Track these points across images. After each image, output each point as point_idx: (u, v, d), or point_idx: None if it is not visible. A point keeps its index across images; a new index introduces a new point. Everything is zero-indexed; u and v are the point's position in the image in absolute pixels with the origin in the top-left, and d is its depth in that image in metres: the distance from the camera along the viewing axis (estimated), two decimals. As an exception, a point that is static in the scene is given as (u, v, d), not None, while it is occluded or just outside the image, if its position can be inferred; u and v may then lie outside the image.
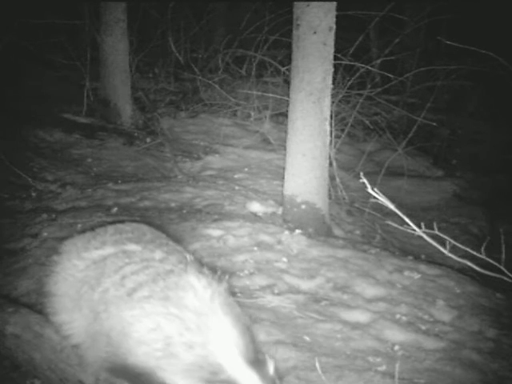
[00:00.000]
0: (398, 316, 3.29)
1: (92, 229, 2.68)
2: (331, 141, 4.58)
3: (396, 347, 3.00)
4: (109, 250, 2.41)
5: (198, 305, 2.09)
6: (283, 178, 4.40)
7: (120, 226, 2.64)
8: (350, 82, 5.71)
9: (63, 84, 7.68)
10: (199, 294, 2.13)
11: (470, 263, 2.21)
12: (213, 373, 1.99)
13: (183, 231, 3.93)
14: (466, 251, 2.23)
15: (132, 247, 2.40)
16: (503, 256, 2.26)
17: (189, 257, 2.39)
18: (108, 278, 2.27)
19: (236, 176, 5.63)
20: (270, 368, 2.07)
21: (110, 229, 2.60)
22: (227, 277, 2.29)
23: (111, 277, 2.27)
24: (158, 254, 2.35)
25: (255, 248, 3.87)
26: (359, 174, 2.39)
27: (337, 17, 4.08)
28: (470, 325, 3.28)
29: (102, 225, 2.75)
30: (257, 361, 2.05)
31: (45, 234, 3.93)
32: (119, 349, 2.14)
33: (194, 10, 8.82)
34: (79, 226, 3.94)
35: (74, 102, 6.90)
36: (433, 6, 7.57)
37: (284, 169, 4.38)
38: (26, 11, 6.68)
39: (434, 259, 4.32)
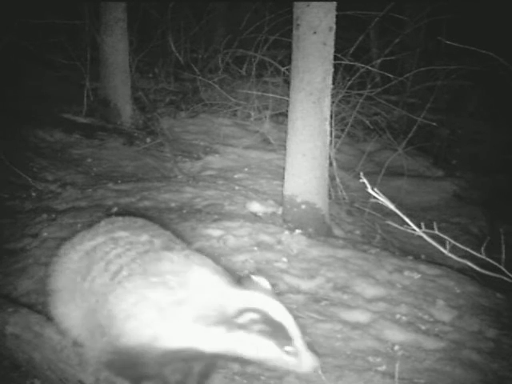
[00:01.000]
0: (398, 316, 3.29)
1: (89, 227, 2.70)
2: (331, 141, 4.58)
3: (396, 347, 3.01)
4: (99, 239, 2.43)
5: (174, 267, 2.13)
6: (283, 178, 4.40)
7: (113, 218, 2.66)
8: (350, 82, 5.71)
9: (63, 84, 7.68)
10: (173, 258, 2.17)
11: (470, 263, 2.21)
12: (222, 313, 2.00)
13: (183, 231, 3.92)
14: (466, 251, 2.23)
15: (120, 234, 2.42)
16: (503, 256, 2.26)
17: (174, 237, 2.44)
18: (95, 265, 2.29)
19: (236, 176, 5.63)
20: (263, 282, 2.12)
21: (103, 221, 2.62)
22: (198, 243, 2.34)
23: (98, 264, 2.29)
24: (144, 237, 2.37)
25: (255, 248, 3.87)
26: (359, 174, 2.38)
27: (337, 17, 4.08)
28: (470, 325, 3.28)
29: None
30: (247, 282, 2.11)
31: (45, 233, 3.93)
32: (111, 336, 2.13)
33: (193, 10, 8.83)
34: (79, 225, 3.94)
35: (74, 102, 6.90)
36: (433, 6, 7.57)
37: (284, 169, 4.38)
38: (26, 11, 6.68)
39: (434, 259, 4.33)
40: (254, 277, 2.15)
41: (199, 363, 2.26)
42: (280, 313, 2.01)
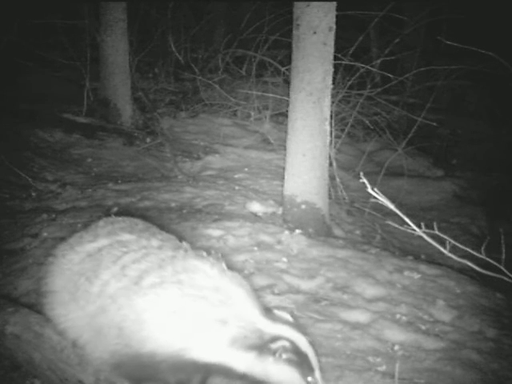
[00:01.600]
0: (398, 316, 3.29)
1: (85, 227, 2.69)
2: (331, 141, 4.58)
3: (396, 347, 3.00)
4: (102, 241, 2.41)
5: (212, 282, 2.16)
6: (283, 178, 4.40)
7: (110, 218, 2.65)
8: (349, 82, 5.71)
9: (63, 84, 7.68)
10: (208, 272, 2.19)
11: (470, 263, 2.21)
12: (259, 337, 2.07)
13: (183, 231, 3.92)
14: (466, 251, 2.23)
15: (126, 237, 2.41)
16: (503, 256, 2.26)
17: (184, 243, 2.43)
18: (107, 269, 2.27)
19: (236, 176, 5.63)
20: (287, 316, 2.22)
21: (101, 222, 2.61)
22: (220, 255, 2.38)
23: (110, 268, 2.27)
24: (155, 242, 2.37)
25: (255, 248, 3.87)
26: (359, 174, 2.39)
27: (337, 17, 4.08)
28: (469, 325, 3.28)
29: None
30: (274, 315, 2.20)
31: (45, 234, 3.93)
32: (132, 339, 2.14)
33: (193, 10, 8.83)
34: (79, 225, 3.93)
35: (74, 102, 6.90)
36: (433, 6, 7.57)
37: (284, 169, 4.38)
38: (26, 11, 6.68)
39: (434, 259, 4.32)
40: (276, 311, 2.24)
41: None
42: (305, 344, 2.11)
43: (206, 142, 6.60)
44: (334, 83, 4.26)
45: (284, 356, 2.05)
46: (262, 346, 2.06)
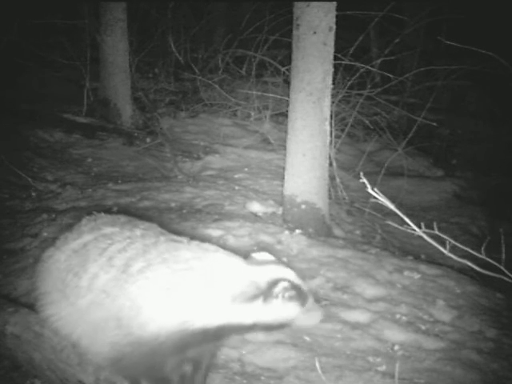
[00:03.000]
0: (398, 316, 3.29)
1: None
2: (331, 141, 4.58)
3: (396, 347, 3.01)
4: (87, 237, 2.43)
5: (194, 254, 2.24)
6: (283, 178, 4.39)
7: (93, 216, 2.66)
8: (350, 82, 5.71)
9: (63, 84, 7.68)
10: (188, 247, 2.29)
11: (470, 263, 2.21)
12: (256, 288, 2.15)
13: (183, 231, 3.92)
14: (466, 251, 2.22)
15: (110, 229, 2.43)
16: (503, 256, 2.26)
17: (165, 230, 2.53)
18: (94, 262, 2.29)
19: (236, 176, 5.63)
20: (266, 255, 2.36)
21: (84, 220, 2.62)
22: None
23: (97, 261, 2.29)
24: (138, 231, 2.41)
25: (255, 248, 3.86)
26: (359, 174, 2.39)
27: (337, 17, 4.08)
28: (470, 325, 3.28)
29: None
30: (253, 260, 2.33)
31: (45, 234, 3.93)
32: (132, 326, 2.16)
33: (193, 10, 8.83)
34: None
35: (74, 102, 6.90)
36: (433, 6, 7.57)
37: (284, 169, 4.38)
38: (26, 11, 6.68)
39: (434, 259, 4.32)
40: (255, 254, 2.35)
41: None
42: (294, 276, 2.23)
43: (206, 141, 6.60)
44: (334, 83, 4.26)
45: (287, 295, 2.17)
46: (265, 294, 2.15)
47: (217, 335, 2.23)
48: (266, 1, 8.43)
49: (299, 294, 2.20)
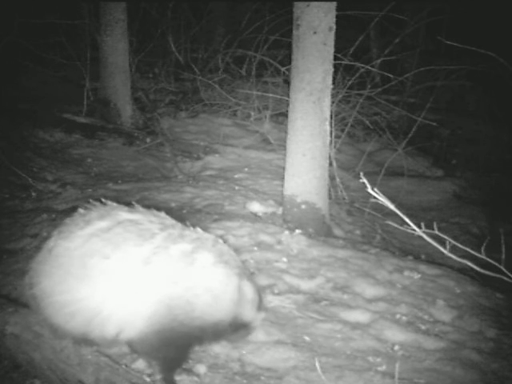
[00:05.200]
0: (398, 316, 3.29)
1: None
2: (331, 141, 4.58)
3: (396, 347, 3.01)
4: (101, 223, 2.53)
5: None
6: (283, 178, 4.39)
7: (79, 211, 2.67)
8: (350, 82, 5.71)
9: (63, 84, 7.68)
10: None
11: (470, 263, 2.21)
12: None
13: (183, 231, 3.92)
14: (466, 251, 2.23)
15: (130, 216, 2.69)
16: (503, 256, 2.26)
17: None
18: (131, 245, 2.44)
19: (236, 176, 5.63)
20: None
21: (67, 219, 2.66)
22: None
23: (137, 243, 2.47)
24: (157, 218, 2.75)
25: (255, 248, 3.87)
26: (359, 174, 2.39)
27: (337, 17, 4.08)
28: (470, 325, 3.28)
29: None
30: None
31: (45, 234, 3.92)
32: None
33: (193, 10, 8.82)
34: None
35: (74, 102, 6.90)
36: (433, 6, 7.57)
37: (284, 169, 4.38)
38: (26, 11, 6.68)
39: (434, 259, 4.32)
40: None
41: None
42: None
43: (206, 141, 6.60)
44: (334, 83, 4.26)
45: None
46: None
47: None
48: (265, 1, 8.43)
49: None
